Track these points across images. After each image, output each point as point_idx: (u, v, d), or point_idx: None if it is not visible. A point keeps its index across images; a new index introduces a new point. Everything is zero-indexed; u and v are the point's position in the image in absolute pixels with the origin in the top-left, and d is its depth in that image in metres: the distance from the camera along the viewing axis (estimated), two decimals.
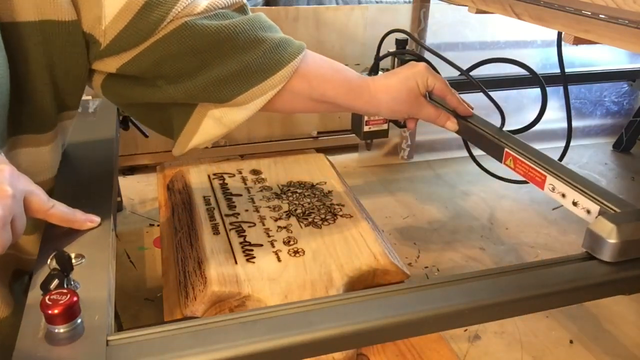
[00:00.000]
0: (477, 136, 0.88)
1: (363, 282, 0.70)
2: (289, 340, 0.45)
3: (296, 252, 0.73)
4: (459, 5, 1.01)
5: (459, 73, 1.01)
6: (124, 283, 1.03)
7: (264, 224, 0.79)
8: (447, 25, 1.45)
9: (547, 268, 0.56)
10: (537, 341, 0.93)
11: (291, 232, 0.77)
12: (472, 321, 0.56)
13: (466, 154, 1.13)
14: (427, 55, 1.04)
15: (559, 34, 1.05)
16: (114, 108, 0.92)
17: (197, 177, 0.92)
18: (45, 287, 0.46)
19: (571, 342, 0.93)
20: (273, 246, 0.74)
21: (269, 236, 0.76)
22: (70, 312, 0.43)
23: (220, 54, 0.61)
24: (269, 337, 0.45)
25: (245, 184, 0.90)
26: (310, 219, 0.80)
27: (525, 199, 1.36)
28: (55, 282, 0.46)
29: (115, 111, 0.92)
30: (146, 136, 1.04)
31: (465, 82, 1.03)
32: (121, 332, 0.44)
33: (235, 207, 0.83)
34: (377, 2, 1.94)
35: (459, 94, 1.04)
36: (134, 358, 0.42)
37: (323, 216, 0.81)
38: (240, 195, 0.87)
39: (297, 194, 0.87)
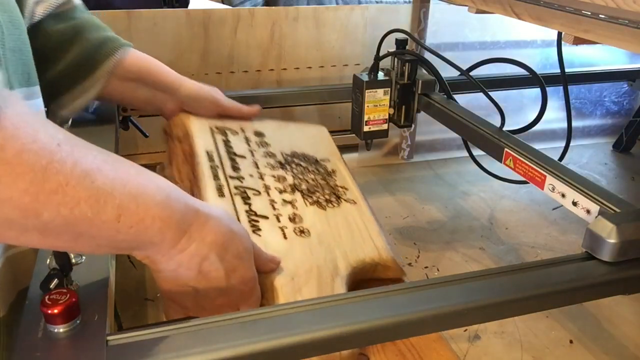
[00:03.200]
0: (477, 136, 0.89)
1: (364, 274, 0.69)
2: (289, 340, 0.45)
3: (302, 231, 0.69)
4: (459, 5, 1.01)
5: (459, 73, 1.01)
6: (124, 283, 1.02)
7: (269, 194, 0.74)
8: (447, 25, 1.45)
9: (547, 268, 0.56)
10: (537, 341, 0.93)
11: (296, 209, 0.73)
12: (472, 321, 0.56)
13: (466, 154, 1.13)
14: (427, 55, 1.04)
15: (559, 34, 1.05)
16: (114, 108, 0.92)
17: (199, 127, 0.83)
18: (44, 286, 0.46)
19: (571, 342, 0.93)
20: (279, 221, 0.70)
21: (274, 209, 0.72)
22: (70, 312, 0.43)
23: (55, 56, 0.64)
24: (269, 337, 0.45)
25: (249, 145, 0.83)
26: (315, 198, 0.76)
27: (525, 199, 1.36)
28: (55, 281, 0.46)
29: (115, 111, 0.92)
30: (146, 136, 1.04)
31: (465, 82, 1.03)
32: (121, 332, 0.44)
33: (239, 169, 0.76)
34: (377, 2, 1.94)
35: (459, 94, 1.05)
36: (133, 358, 0.42)
37: (327, 197, 0.77)
38: (244, 157, 0.79)
39: (302, 168, 0.82)
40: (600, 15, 0.66)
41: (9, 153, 0.32)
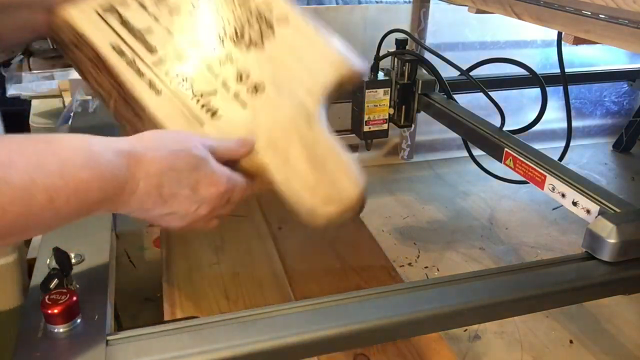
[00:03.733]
0: (477, 136, 0.89)
1: (334, 95, 0.64)
2: (289, 340, 0.45)
3: (256, 89, 0.62)
4: (459, 5, 1.01)
5: (459, 73, 1.01)
6: (124, 283, 1.02)
7: (204, 62, 0.64)
8: (447, 25, 1.45)
9: (547, 268, 0.56)
10: (537, 341, 0.93)
11: (237, 63, 0.63)
12: (472, 321, 0.56)
13: (466, 154, 1.13)
14: (427, 55, 1.04)
15: (559, 34, 1.05)
16: None
17: (87, 20, 0.67)
18: (45, 286, 0.46)
19: (571, 342, 0.93)
20: (227, 89, 0.62)
21: (215, 76, 0.62)
22: (70, 312, 0.43)
23: None
24: (269, 337, 0.45)
25: (147, 10, 0.67)
26: (247, 39, 0.65)
27: (525, 199, 1.36)
28: (55, 281, 0.46)
29: None
30: None
31: (465, 82, 1.03)
32: (121, 332, 0.44)
33: (156, 49, 0.64)
34: (377, 2, 1.94)
35: (459, 94, 1.05)
36: (133, 358, 0.42)
37: (258, 29, 0.66)
38: (152, 30, 0.65)
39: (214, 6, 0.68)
40: (600, 15, 0.66)
41: None
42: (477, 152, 1.01)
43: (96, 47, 0.63)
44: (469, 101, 1.05)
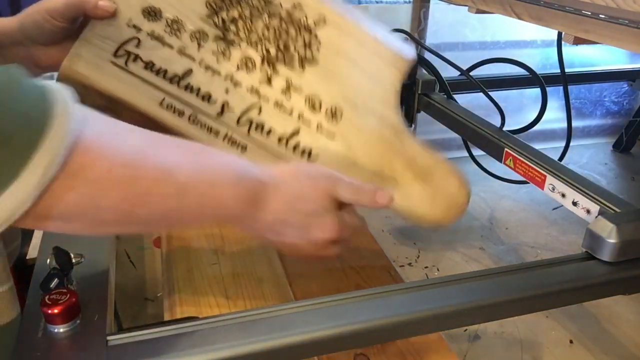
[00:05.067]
0: (477, 136, 0.89)
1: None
2: (289, 340, 0.45)
3: (333, 114, 0.56)
4: (459, 5, 1.01)
5: (459, 73, 1.01)
6: (124, 283, 1.02)
7: (265, 98, 0.56)
8: (447, 25, 1.45)
9: (547, 268, 0.56)
10: (537, 341, 0.93)
11: (302, 88, 0.56)
12: (472, 321, 0.56)
13: (466, 154, 1.13)
14: (427, 55, 1.04)
15: (559, 34, 1.05)
16: None
17: (109, 76, 0.55)
18: (45, 286, 0.46)
19: (571, 342, 0.93)
20: (307, 123, 0.56)
21: (288, 111, 0.56)
22: (70, 312, 0.43)
23: None
24: (269, 337, 0.45)
25: (166, 42, 0.56)
26: (294, 54, 0.57)
27: (525, 199, 1.36)
28: (55, 281, 0.46)
29: None
30: None
31: (465, 82, 1.03)
32: (121, 332, 0.44)
33: (211, 95, 0.56)
34: (377, 2, 1.94)
35: (459, 94, 1.05)
36: (133, 358, 0.42)
37: (302, 41, 0.57)
38: (191, 70, 0.56)
39: (244, 20, 0.57)
40: (600, 15, 0.66)
41: (99, 172, 0.35)
42: (477, 152, 1.01)
43: (142, 110, 0.55)
44: (469, 101, 1.05)
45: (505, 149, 0.81)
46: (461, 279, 0.53)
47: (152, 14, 0.55)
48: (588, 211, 0.65)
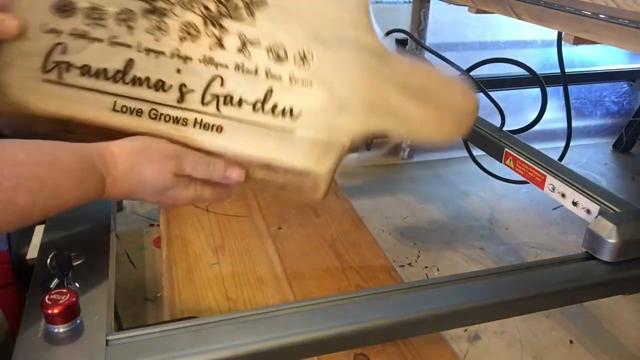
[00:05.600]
0: (477, 136, 0.89)
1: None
2: (289, 340, 0.45)
3: (302, 58, 0.50)
4: (459, 5, 1.01)
5: (459, 73, 1.01)
6: (124, 283, 1.03)
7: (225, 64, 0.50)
8: (447, 25, 1.45)
9: (547, 268, 0.56)
10: (537, 341, 0.93)
11: (260, 41, 0.49)
12: (472, 321, 0.56)
13: (466, 154, 1.13)
14: (427, 55, 1.04)
15: (559, 34, 1.05)
16: None
17: (46, 96, 0.48)
18: (45, 286, 0.46)
19: (571, 342, 0.93)
20: (277, 78, 0.50)
21: (252, 71, 0.49)
22: (70, 312, 0.43)
23: None
24: (269, 337, 0.45)
25: (91, 37, 0.49)
26: (238, 1, 0.50)
27: (525, 199, 1.36)
28: (55, 281, 0.46)
29: None
30: None
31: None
32: (121, 332, 0.44)
33: (164, 83, 0.49)
34: (377, 2, 1.94)
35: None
36: (133, 358, 0.42)
37: None
38: (132, 61, 0.49)
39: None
40: (600, 15, 0.66)
41: None
42: (477, 152, 1.01)
43: (95, 122, 0.49)
44: None
45: (505, 149, 0.81)
46: (461, 279, 0.53)
47: (64, 9, 0.47)
48: (588, 211, 0.65)
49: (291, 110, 0.50)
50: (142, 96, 0.49)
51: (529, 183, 0.77)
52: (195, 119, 0.49)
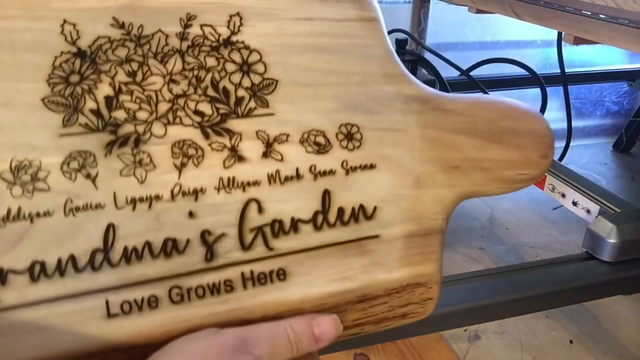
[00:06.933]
0: None
1: None
2: None
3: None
4: (459, 5, 1.01)
5: (459, 73, 1.01)
6: None
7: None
8: (447, 25, 1.45)
9: (547, 268, 0.56)
10: (537, 341, 0.93)
11: (271, 141, 0.34)
12: (472, 321, 0.56)
13: None
14: (427, 55, 1.04)
15: (559, 34, 1.05)
16: None
17: None
18: None
19: (571, 342, 0.93)
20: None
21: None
22: None
23: None
24: None
25: (27, 216, 0.29)
26: (235, 89, 0.34)
27: (525, 199, 1.36)
28: None
29: None
30: None
31: (465, 82, 1.03)
32: None
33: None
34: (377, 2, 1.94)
35: (459, 94, 1.05)
36: None
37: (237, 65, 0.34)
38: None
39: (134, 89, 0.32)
40: (600, 15, 0.66)
41: None
42: None
43: (89, 349, 0.30)
44: None
45: None
46: (461, 279, 0.53)
47: None
48: (588, 211, 0.65)
49: (363, 209, 0.36)
50: (148, 275, 0.31)
51: None
52: (242, 274, 0.33)
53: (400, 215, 0.37)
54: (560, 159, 1.10)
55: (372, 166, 0.37)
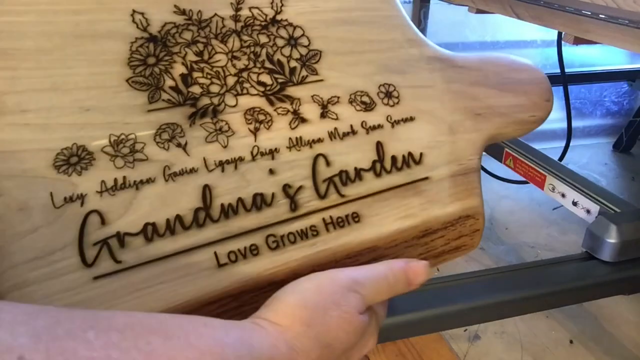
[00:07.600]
0: None
1: None
2: None
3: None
4: (459, 5, 1.01)
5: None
6: None
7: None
8: (447, 25, 1.45)
9: (547, 268, 0.56)
10: (537, 341, 0.93)
11: (325, 103, 0.39)
12: (472, 321, 0.56)
13: None
14: None
15: (559, 34, 1.05)
16: None
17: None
18: None
19: (571, 342, 0.93)
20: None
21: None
22: None
23: None
24: None
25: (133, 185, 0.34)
26: (288, 60, 0.39)
27: (525, 199, 1.36)
28: None
29: None
30: None
31: None
32: None
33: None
34: None
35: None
36: None
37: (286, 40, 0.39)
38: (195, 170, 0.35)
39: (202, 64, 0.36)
40: (600, 15, 0.66)
41: None
42: None
43: (204, 297, 0.34)
44: None
45: (505, 149, 0.81)
46: (461, 279, 0.53)
47: (71, 161, 0.32)
48: (588, 211, 0.65)
49: (412, 156, 0.41)
50: (246, 227, 0.35)
51: (529, 183, 0.77)
52: (323, 219, 0.38)
53: (443, 159, 0.42)
54: (561, 159, 1.10)
55: (411, 119, 0.42)
